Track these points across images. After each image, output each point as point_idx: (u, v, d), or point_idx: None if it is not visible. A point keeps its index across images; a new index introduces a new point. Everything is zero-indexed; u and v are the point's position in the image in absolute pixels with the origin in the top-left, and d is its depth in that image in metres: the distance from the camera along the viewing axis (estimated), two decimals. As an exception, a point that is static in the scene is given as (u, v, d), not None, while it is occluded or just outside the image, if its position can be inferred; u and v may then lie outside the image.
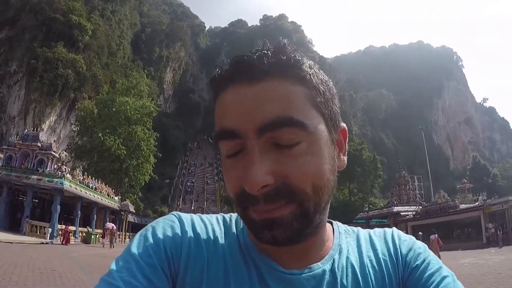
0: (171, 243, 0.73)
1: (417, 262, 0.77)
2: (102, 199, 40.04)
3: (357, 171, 70.08)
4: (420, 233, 26.91)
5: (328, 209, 0.77)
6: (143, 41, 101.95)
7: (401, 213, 51.42)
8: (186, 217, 0.80)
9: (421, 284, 0.73)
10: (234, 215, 0.85)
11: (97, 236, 36.73)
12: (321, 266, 0.75)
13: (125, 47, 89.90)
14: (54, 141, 40.58)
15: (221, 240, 0.78)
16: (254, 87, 0.65)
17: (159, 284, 0.68)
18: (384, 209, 55.59)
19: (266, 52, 0.67)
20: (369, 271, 0.77)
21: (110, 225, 35.68)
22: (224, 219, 0.84)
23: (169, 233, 0.75)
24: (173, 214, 0.81)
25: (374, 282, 0.76)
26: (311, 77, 0.68)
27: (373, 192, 78.79)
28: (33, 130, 38.89)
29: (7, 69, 65.36)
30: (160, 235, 0.74)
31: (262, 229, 0.66)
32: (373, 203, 69.75)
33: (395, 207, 53.29)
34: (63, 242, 30.36)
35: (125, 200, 48.64)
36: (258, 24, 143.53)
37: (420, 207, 49.81)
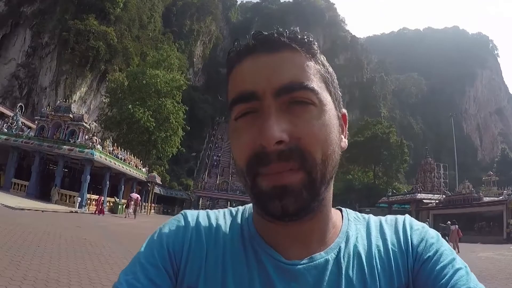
0: (174, 241, 0.78)
1: (429, 254, 0.74)
2: (130, 170, 40.63)
3: (384, 154, 69.45)
4: (448, 222, 26.19)
5: (332, 192, 0.78)
6: (174, 14, 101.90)
7: (424, 201, 50.51)
8: (192, 214, 0.85)
9: (433, 276, 0.71)
10: (241, 208, 0.88)
11: (124, 206, 37.22)
12: (324, 255, 0.75)
13: (156, 20, 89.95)
14: (85, 112, 41.17)
15: (225, 231, 0.82)
16: (273, 56, 0.70)
17: (160, 283, 0.73)
18: (407, 195, 54.79)
19: (282, 30, 0.74)
20: (376, 261, 0.76)
21: (135, 195, 35.57)
22: (231, 212, 0.88)
23: (173, 231, 0.80)
24: (181, 213, 0.86)
25: (381, 273, 0.75)
26: (320, 55, 0.76)
27: (398, 177, 78.04)
28: (64, 101, 39.57)
29: (39, 41, 66.34)
30: (164, 235, 0.79)
31: (272, 198, 0.67)
32: (397, 188, 69.00)
33: (419, 194, 52.39)
34: (97, 212, 31.21)
35: (152, 172, 49.35)
36: (291, 0, 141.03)
37: (444, 196, 48.88)
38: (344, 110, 0.82)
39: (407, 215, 0.86)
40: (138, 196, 36.26)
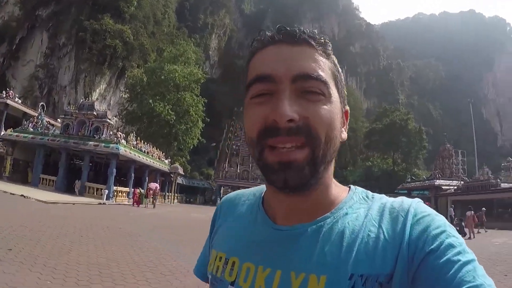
0: (213, 217, 1.08)
1: (432, 246, 0.72)
2: (153, 162, 41.58)
3: (402, 141, 69.37)
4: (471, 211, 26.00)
5: (332, 171, 0.86)
6: (187, 9, 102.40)
7: (443, 187, 50.30)
8: (229, 195, 1.11)
9: (436, 271, 0.69)
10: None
11: (144, 196, 38.16)
12: (306, 226, 0.82)
13: (170, 16, 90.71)
14: (106, 108, 42.09)
15: (243, 204, 1.01)
16: (293, 47, 0.80)
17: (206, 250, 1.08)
18: (426, 182, 54.65)
19: (303, 28, 0.83)
20: (360, 244, 0.77)
21: (153, 185, 35.78)
22: (261, 188, 1.03)
23: (215, 211, 1.09)
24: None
25: (361, 256, 0.75)
26: (333, 56, 0.85)
27: (417, 163, 77.73)
28: (85, 99, 40.62)
29: (56, 42, 67.63)
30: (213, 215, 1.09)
31: (277, 171, 0.76)
32: (416, 174, 68.84)
33: (437, 180, 52.22)
34: (134, 204, 32.96)
35: (175, 163, 50.13)
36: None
37: (462, 182, 48.64)
38: (347, 107, 0.90)
39: (415, 200, 0.84)
40: (157, 185, 36.55)
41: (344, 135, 0.87)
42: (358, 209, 0.84)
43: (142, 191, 36.03)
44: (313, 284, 0.74)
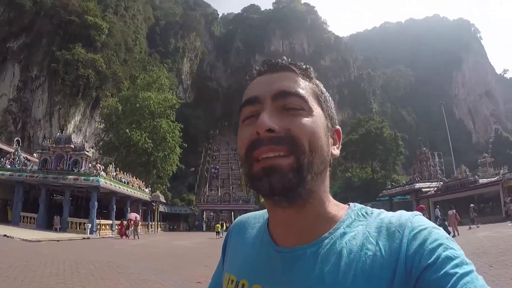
0: (225, 240, 1.15)
1: (429, 261, 0.72)
2: (134, 192, 41.71)
3: (379, 149, 70.30)
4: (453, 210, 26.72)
5: (327, 187, 0.91)
6: (158, 34, 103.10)
7: (423, 189, 51.25)
8: (240, 218, 1.17)
9: (434, 286, 0.70)
10: None
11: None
12: (305, 248, 0.84)
13: (141, 42, 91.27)
14: (82, 139, 42.13)
15: (254, 225, 1.07)
16: (275, 74, 0.89)
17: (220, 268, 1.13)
18: (406, 186, 55.49)
19: (286, 58, 0.93)
20: (358, 264, 0.77)
21: (133, 215, 35.30)
22: None
23: (227, 234, 1.16)
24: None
25: (359, 276, 0.76)
26: (316, 80, 0.94)
27: (396, 169, 78.67)
28: (61, 132, 40.54)
29: (28, 74, 67.23)
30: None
31: (262, 176, 0.81)
32: (396, 180, 69.75)
33: (417, 184, 53.21)
34: (121, 235, 32.72)
35: (155, 191, 50.10)
36: (271, 7, 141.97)
37: (441, 182, 49.80)
38: (338, 127, 0.96)
39: (413, 214, 0.85)
40: (137, 215, 36.05)
41: (336, 152, 0.92)
42: (356, 227, 0.85)
43: (125, 222, 36.09)
44: None
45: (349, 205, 0.95)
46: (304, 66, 0.92)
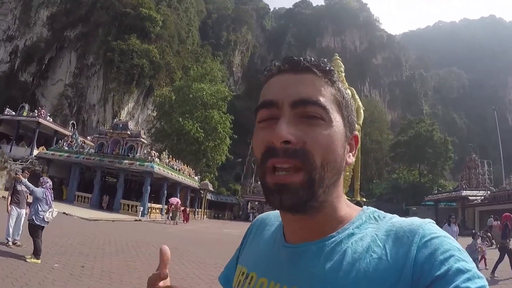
0: (245, 233, 1.15)
1: (439, 272, 0.69)
2: (185, 179, 42.36)
3: (428, 152, 69.02)
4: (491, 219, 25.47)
5: (341, 192, 0.88)
6: (210, 27, 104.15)
7: (470, 197, 49.71)
8: (262, 215, 1.17)
9: None
10: None
11: (165, 212, 38.49)
12: (311, 244, 0.85)
13: (193, 34, 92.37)
14: (142, 128, 43.24)
15: (276, 222, 1.06)
16: (296, 75, 0.85)
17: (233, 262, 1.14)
18: (453, 193, 54.06)
19: (309, 58, 0.88)
20: (362, 265, 0.76)
21: (174, 200, 34.10)
22: None
23: (248, 228, 1.17)
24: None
25: (361, 277, 0.75)
26: (338, 84, 0.88)
27: (443, 174, 77.02)
28: (114, 117, 41.46)
29: (84, 62, 69.79)
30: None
31: (274, 193, 0.80)
32: (443, 185, 68.25)
33: (464, 191, 51.65)
34: (184, 221, 34.13)
35: (204, 179, 51.01)
36: (323, 3, 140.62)
37: (489, 192, 48.12)
38: (356, 133, 0.93)
39: (425, 221, 0.82)
40: (178, 200, 34.93)
41: (351, 159, 0.89)
42: (366, 229, 0.84)
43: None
44: None
45: (362, 208, 0.93)
46: (327, 68, 0.87)
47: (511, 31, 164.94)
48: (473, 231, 14.82)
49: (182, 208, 34.66)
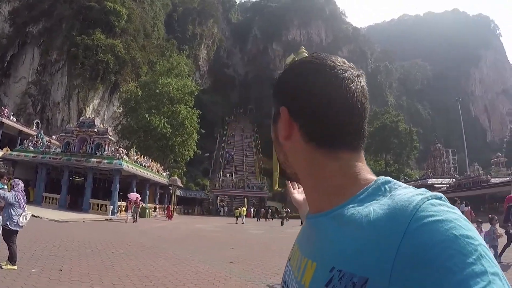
0: None
1: (426, 269, 0.58)
2: (154, 176, 42.33)
3: (394, 142, 70.60)
4: (458, 201, 26.38)
5: (341, 167, 0.84)
6: (176, 21, 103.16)
7: (436, 186, 51.50)
8: None
9: None
10: None
11: (150, 210, 38.96)
12: (316, 216, 0.86)
13: (159, 28, 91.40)
14: (110, 125, 42.73)
15: None
16: None
17: None
18: (419, 181, 55.76)
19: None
20: (347, 241, 0.71)
21: (133, 195, 32.01)
22: None
23: None
24: None
25: (342, 253, 0.70)
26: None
27: (409, 164, 79.03)
28: (79, 115, 40.87)
29: (48, 58, 67.96)
30: None
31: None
32: (409, 174, 70.08)
33: (430, 179, 53.48)
34: (167, 218, 35.35)
35: (172, 175, 50.87)
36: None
37: (454, 179, 49.75)
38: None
39: (425, 198, 0.67)
40: (138, 195, 32.82)
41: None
42: (368, 203, 0.74)
43: (143, 204, 36.50)
44: (308, 269, 0.79)
45: (375, 178, 0.83)
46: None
47: (474, 25, 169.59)
48: (490, 215, 13.05)
49: (163, 206, 34.85)
